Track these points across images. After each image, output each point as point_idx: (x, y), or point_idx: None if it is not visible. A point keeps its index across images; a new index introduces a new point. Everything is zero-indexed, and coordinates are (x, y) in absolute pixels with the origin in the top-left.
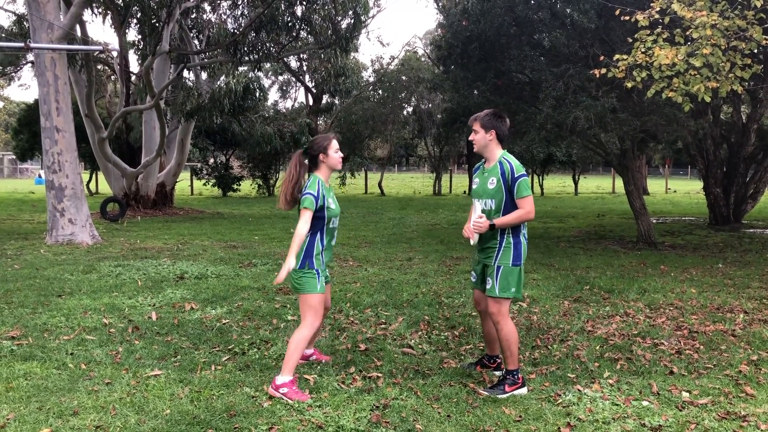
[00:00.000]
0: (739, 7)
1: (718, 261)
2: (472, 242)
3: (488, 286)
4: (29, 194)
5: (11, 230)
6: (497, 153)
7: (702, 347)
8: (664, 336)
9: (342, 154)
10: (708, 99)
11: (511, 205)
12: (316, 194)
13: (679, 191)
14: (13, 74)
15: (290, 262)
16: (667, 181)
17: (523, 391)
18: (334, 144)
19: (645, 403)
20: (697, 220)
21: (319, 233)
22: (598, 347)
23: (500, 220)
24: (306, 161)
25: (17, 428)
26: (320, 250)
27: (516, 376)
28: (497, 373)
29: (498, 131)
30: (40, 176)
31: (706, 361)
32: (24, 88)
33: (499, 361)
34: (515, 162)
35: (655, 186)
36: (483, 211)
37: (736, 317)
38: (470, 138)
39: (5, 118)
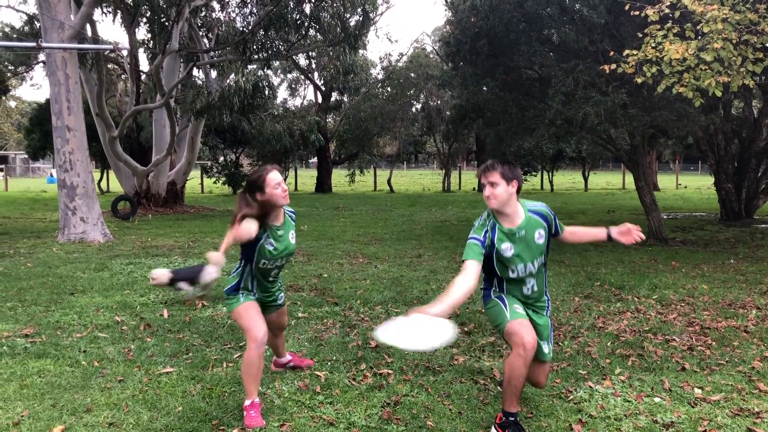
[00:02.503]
0: (751, 0)
1: (730, 257)
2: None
3: (546, 351)
4: (41, 193)
5: (24, 229)
6: (518, 206)
7: (714, 343)
8: (676, 332)
9: (285, 188)
10: (719, 94)
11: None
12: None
13: (689, 187)
14: (25, 74)
15: (216, 257)
16: (678, 177)
17: None
18: (271, 178)
19: (657, 400)
20: (708, 215)
21: (248, 267)
22: (609, 343)
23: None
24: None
25: (31, 425)
26: (250, 285)
27: None
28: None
29: (519, 182)
30: (51, 175)
31: (719, 357)
32: (36, 88)
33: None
34: (543, 205)
35: (665, 182)
36: (531, 274)
37: (748, 313)
38: (486, 194)
39: (17, 118)
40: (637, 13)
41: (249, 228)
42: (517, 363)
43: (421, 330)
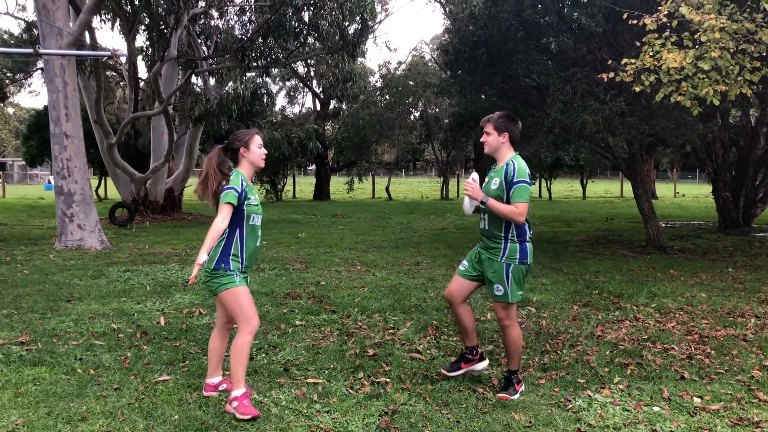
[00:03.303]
0: (748, 10)
1: (728, 265)
2: (465, 211)
3: (499, 293)
4: (39, 200)
5: (21, 236)
6: (508, 155)
7: (713, 352)
8: (675, 341)
9: (265, 151)
10: (717, 102)
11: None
12: (239, 190)
13: (687, 195)
14: (24, 81)
15: (200, 257)
16: (676, 185)
17: (523, 387)
18: (257, 139)
19: (656, 409)
20: (707, 224)
21: (237, 230)
22: (608, 352)
23: (493, 203)
24: (224, 157)
25: None
26: (239, 250)
27: (518, 375)
28: (481, 365)
29: (511, 134)
30: (49, 182)
31: (718, 366)
32: (34, 95)
33: (481, 351)
34: (520, 166)
35: (663, 190)
36: (483, 210)
37: (747, 322)
38: (482, 140)
39: (15, 125)
40: (635, 22)
41: (225, 220)
42: None
43: None
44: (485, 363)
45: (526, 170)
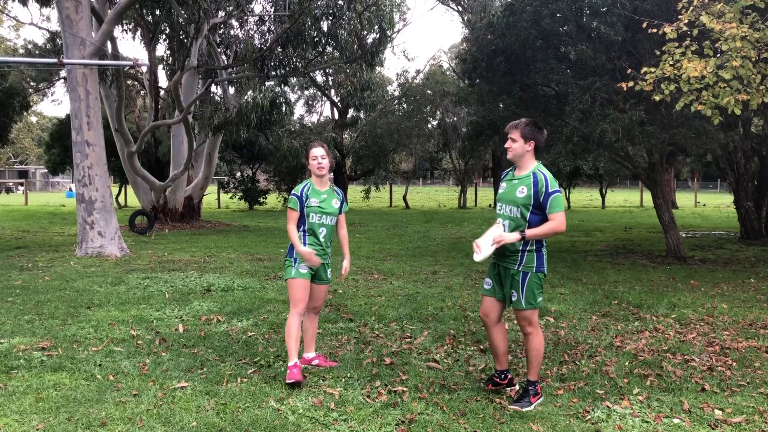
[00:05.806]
0: None
1: (750, 276)
2: (477, 258)
3: (514, 299)
4: (60, 207)
5: (43, 242)
6: (532, 163)
7: (735, 364)
8: (695, 352)
9: (320, 162)
10: (738, 112)
11: (536, 218)
12: (298, 194)
13: (708, 205)
14: (47, 90)
15: (302, 250)
16: (696, 195)
17: (541, 399)
18: (312, 152)
19: (676, 421)
20: (728, 234)
21: (302, 227)
22: (627, 363)
23: (532, 232)
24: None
25: None
26: (303, 242)
27: (536, 387)
28: (509, 389)
29: (537, 142)
30: (70, 190)
31: (740, 378)
32: (56, 104)
33: (510, 376)
34: (551, 176)
35: (683, 199)
36: (503, 216)
37: None
38: (506, 145)
39: (38, 133)
40: (654, 30)
41: (289, 221)
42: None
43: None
44: (514, 389)
45: (555, 179)
